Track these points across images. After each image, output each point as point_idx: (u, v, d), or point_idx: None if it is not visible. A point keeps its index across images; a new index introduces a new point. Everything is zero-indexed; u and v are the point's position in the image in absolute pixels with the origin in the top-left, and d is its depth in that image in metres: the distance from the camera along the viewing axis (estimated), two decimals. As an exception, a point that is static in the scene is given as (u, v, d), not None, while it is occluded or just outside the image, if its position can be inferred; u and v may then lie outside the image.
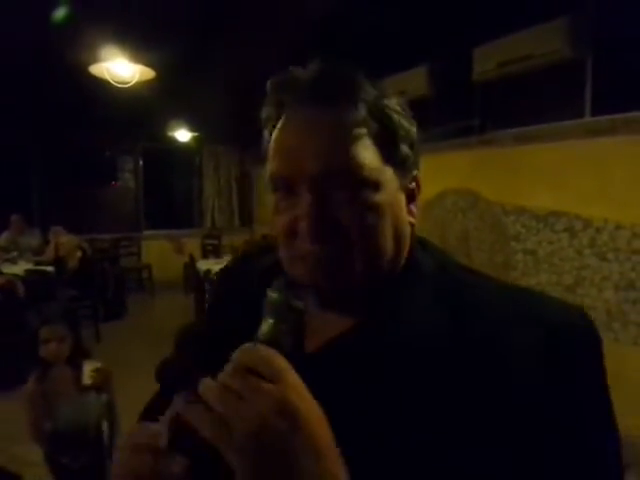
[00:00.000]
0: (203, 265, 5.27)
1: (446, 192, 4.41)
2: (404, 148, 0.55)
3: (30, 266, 5.30)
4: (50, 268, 5.35)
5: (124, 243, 7.64)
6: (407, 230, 0.57)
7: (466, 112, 4.43)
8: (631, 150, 3.00)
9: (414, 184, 0.59)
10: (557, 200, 3.45)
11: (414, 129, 0.58)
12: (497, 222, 3.92)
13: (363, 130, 0.52)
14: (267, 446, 0.40)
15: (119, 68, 3.35)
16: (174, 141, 7.60)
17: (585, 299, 3.28)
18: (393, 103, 0.55)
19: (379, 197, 0.52)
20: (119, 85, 3.46)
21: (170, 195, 9.04)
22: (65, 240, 5.55)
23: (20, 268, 5.09)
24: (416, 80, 4.88)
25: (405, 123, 0.56)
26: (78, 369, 2.05)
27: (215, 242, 7.37)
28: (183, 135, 7.47)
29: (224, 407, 0.41)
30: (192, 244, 7.85)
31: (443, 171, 4.48)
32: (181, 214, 8.78)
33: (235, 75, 5.09)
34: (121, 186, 8.30)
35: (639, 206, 2.94)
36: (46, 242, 6.00)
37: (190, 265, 5.90)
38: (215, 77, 5.27)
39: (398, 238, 0.55)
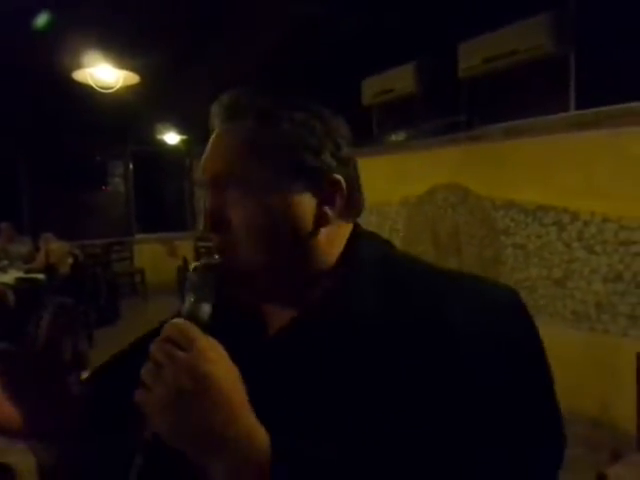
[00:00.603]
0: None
1: (436, 188, 4.43)
2: (302, 155, 0.59)
3: (21, 274, 5.27)
4: (41, 276, 5.32)
5: (116, 248, 7.62)
6: (303, 230, 0.60)
7: (453, 108, 4.45)
8: (615, 143, 3.03)
9: (335, 189, 0.61)
10: (545, 194, 3.47)
11: (316, 140, 0.61)
12: (486, 217, 3.94)
13: (250, 141, 0.60)
14: (181, 406, 0.47)
15: (103, 73, 3.33)
16: (163, 144, 7.58)
17: (575, 292, 3.31)
18: (289, 112, 0.60)
19: (261, 199, 0.58)
20: (103, 90, 3.44)
21: (161, 198, 9.02)
22: (56, 247, 5.51)
23: (10, 277, 5.05)
24: (403, 78, 4.90)
25: (302, 131, 0.60)
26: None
27: (209, 244, 7.34)
28: (172, 138, 7.46)
29: (146, 375, 0.49)
30: (185, 247, 7.85)
31: (432, 167, 4.50)
32: (173, 217, 8.76)
33: (222, 75, 5.07)
34: (111, 190, 8.27)
35: (625, 198, 2.97)
36: (36, 249, 5.96)
37: (184, 268, 5.89)
38: (201, 78, 5.25)
39: (296, 237, 0.60)
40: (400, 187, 4.81)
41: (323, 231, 0.61)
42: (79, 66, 3.30)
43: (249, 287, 0.62)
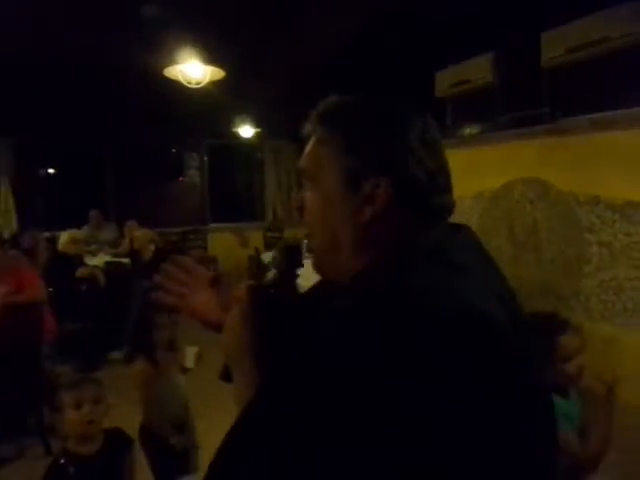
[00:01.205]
0: (267, 257, 5.44)
1: (513, 182, 4.30)
2: (350, 154, 0.67)
3: (108, 258, 5.67)
4: (126, 260, 5.70)
5: (191, 236, 7.99)
6: (344, 225, 0.67)
7: (534, 100, 4.29)
8: None
9: (378, 190, 0.65)
10: (634, 189, 3.29)
11: (370, 136, 0.66)
12: (569, 213, 3.78)
13: (321, 143, 0.70)
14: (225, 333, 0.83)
15: (192, 70, 3.51)
16: (237, 137, 7.83)
17: (667, 294, 3.13)
18: (347, 112, 0.70)
19: (313, 194, 0.71)
20: (191, 86, 3.63)
21: (234, 189, 9.35)
22: (139, 234, 5.87)
23: (100, 260, 5.46)
24: (480, 68, 4.78)
25: (357, 131, 0.67)
26: (178, 353, 2.21)
27: (277, 235, 7.56)
28: (246, 131, 7.67)
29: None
30: (255, 237, 8.09)
31: (509, 161, 4.37)
32: (244, 208, 9.05)
33: (295, 70, 5.17)
34: (187, 182, 8.69)
35: None
36: (121, 236, 6.38)
37: (255, 257, 6.09)
38: (276, 73, 5.38)
39: (340, 229, 0.68)
40: (474, 181, 4.71)
41: (361, 226, 0.66)
42: (171, 63, 3.50)
43: (319, 264, 0.75)
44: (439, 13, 4.06)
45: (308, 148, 0.73)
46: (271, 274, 0.73)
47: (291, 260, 0.76)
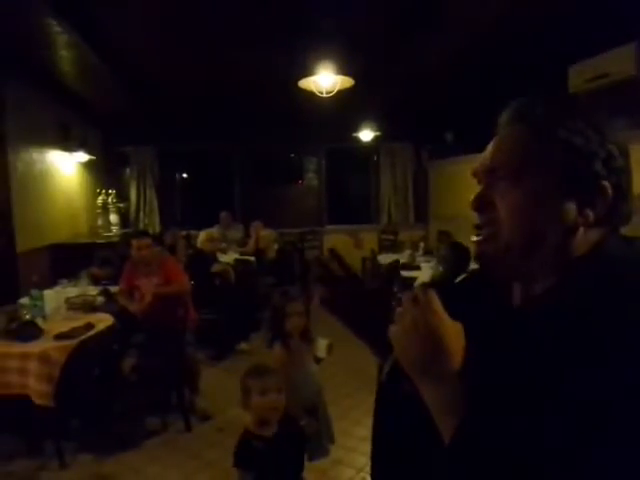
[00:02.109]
0: (384, 259, 5.48)
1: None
2: (573, 162, 0.66)
3: (236, 256, 6.13)
4: (252, 258, 6.12)
5: (308, 237, 8.32)
6: (563, 227, 0.67)
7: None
8: None
9: (600, 194, 0.66)
10: None
11: (589, 148, 0.66)
12: None
13: (526, 143, 0.69)
14: (411, 339, 0.67)
15: (324, 80, 3.68)
16: (355, 141, 7.97)
17: None
18: (573, 125, 0.67)
19: (522, 191, 0.68)
20: (322, 95, 3.81)
21: (350, 192, 9.55)
22: (265, 234, 6.28)
23: (230, 257, 5.92)
24: (621, 60, 4.40)
25: (577, 141, 0.66)
26: (311, 343, 2.38)
27: (391, 237, 7.58)
28: (366, 135, 7.77)
29: (396, 315, 0.70)
30: (369, 239, 8.19)
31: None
32: (359, 210, 9.19)
33: (413, 74, 5.16)
34: (306, 185, 9.06)
35: None
36: (247, 235, 6.86)
37: (370, 259, 6.18)
38: (394, 77, 5.41)
39: (542, 229, 0.67)
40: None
41: (581, 230, 0.66)
42: (305, 75, 3.71)
43: (499, 262, 0.72)
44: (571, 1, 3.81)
45: (506, 144, 0.71)
46: (436, 270, 0.75)
47: (461, 257, 0.78)
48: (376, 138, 7.94)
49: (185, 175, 9.22)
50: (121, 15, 3.70)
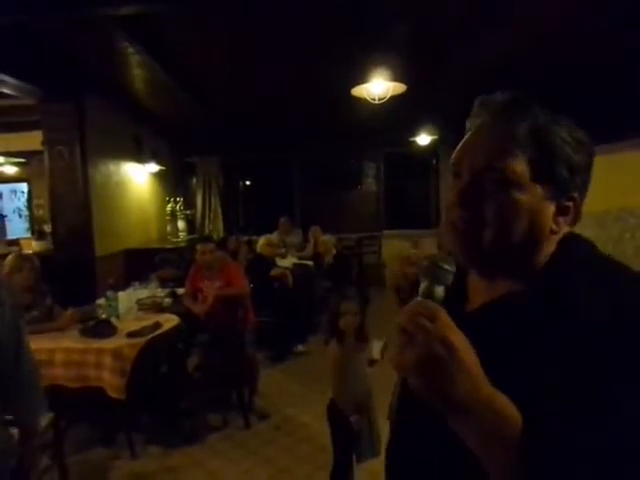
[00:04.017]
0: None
1: None
2: (559, 170, 0.68)
3: (295, 260, 6.28)
4: (310, 262, 6.24)
5: (366, 242, 8.35)
6: (545, 232, 0.69)
7: None
8: None
9: (570, 203, 0.70)
10: None
11: (580, 157, 0.69)
12: None
13: (518, 143, 0.67)
14: (432, 368, 0.56)
15: (376, 87, 3.73)
16: (413, 145, 7.92)
17: None
18: (562, 131, 0.68)
19: (515, 196, 0.66)
20: (375, 102, 3.86)
21: (408, 196, 9.49)
22: (323, 239, 6.38)
23: (289, 261, 6.07)
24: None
25: (568, 150, 0.68)
26: (366, 342, 2.43)
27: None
28: (423, 139, 7.71)
29: (399, 342, 0.59)
30: (427, 243, 8.07)
31: None
32: (418, 214, 9.10)
33: (471, 75, 5.07)
34: (364, 190, 9.10)
35: None
36: (306, 240, 7.00)
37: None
38: (454, 82, 5.34)
39: (531, 232, 0.68)
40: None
41: (546, 234, 0.69)
42: (357, 83, 3.79)
43: (476, 259, 0.71)
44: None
45: (502, 146, 0.68)
46: (423, 285, 0.66)
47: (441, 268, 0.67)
48: (434, 142, 7.85)
49: (248, 183, 9.56)
50: (186, 35, 3.95)
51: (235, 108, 6.41)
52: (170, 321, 3.61)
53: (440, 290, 0.65)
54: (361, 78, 3.81)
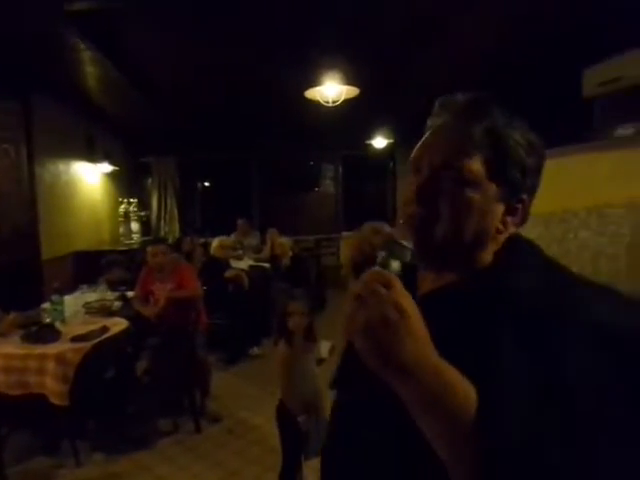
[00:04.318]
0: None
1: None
2: (512, 171, 0.70)
3: (251, 262, 6.25)
4: (267, 264, 6.22)
5: (324, 243, 8.40)
6: (491, 231, 0.71)
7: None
8: None
9: (520, 205, 0.73)
10: None
11: (531, 160, 0.72)
12: None
13: (475, 144, 0.69)
14: (382, 332, 0.56)
15: (329, 90, 3.77)
16: (370, 148, 8.04)
17: None
18: (515, 133, 0.71)
19: (469, 194, 0.69)
20: (328, 105, 3.90)
21: (365, 198, 9.59)
22: (280, 241, 6.37)
23: (245, 263, 6.03)
24: (635, 64, 4.34)
25: (521, 152, 0.71)
26: (314, 342, 2.45)
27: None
28: (379, 142, 7.85)
29: (350, 307, 0.59)
30: (386, 245, 8.19)
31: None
32: (375, 216, 9.18)
33: (427, 79, 5.18)
34: (322, 191, 9.15)
35: None
36: (263, 242, 6.97)
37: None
38: (408, 83, 5.44)
39: (480, 231, 0.70)
40: (626, 188, 4.25)
41: (491, 232, 0.71)
42: (311, 85, 3.81)
43: (428, 253, 0.72)
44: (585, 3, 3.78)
45: (462, 144, 0.70)
46: (380, 257, 0.66)
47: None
48: (391, 145, 7.99)
49: (205, 184, 9.44)
50: (140, 32, 3.87)
51: (189, 108, 6.32)
52: (118, 325, 3.52)
53: (396, 265, 0.65)
54: (314, 81, 3.85)
